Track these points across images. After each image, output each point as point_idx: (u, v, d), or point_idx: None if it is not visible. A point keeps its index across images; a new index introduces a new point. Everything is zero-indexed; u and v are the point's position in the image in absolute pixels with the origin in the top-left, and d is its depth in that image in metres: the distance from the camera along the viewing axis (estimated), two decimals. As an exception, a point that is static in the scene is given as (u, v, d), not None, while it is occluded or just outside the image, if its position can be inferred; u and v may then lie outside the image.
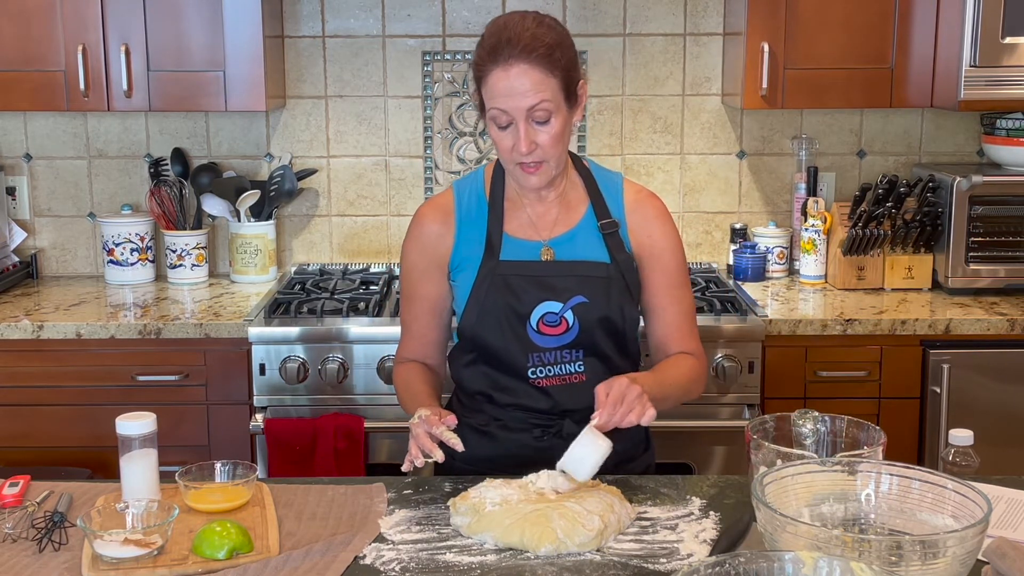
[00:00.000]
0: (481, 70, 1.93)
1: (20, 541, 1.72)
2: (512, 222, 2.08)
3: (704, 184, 3.55)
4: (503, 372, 2.06)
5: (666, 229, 2.10)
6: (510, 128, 1.93)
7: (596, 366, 2.05)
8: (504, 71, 1.89)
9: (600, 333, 2.04)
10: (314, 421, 2.84)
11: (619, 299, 2.04)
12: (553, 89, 1.91)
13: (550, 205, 2.08)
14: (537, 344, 2.03)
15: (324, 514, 1.81)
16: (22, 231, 3.51)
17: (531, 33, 1.90)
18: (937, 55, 3.13)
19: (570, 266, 2.05)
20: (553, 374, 2.04)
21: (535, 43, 1.89)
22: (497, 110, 1.92)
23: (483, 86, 1.94)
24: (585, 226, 2.08)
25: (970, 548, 1.36)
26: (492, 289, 2.03)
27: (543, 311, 2.02)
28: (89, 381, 2.93)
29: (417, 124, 3.52)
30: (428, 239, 2.10)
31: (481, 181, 2.11)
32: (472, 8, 3.45)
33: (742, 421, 2.84)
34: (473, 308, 2.04)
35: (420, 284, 2.12)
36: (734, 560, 1.28)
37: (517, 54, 1.89)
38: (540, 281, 2.03)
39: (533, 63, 1.89)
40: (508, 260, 2.05)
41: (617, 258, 2.06)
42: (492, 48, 1.91)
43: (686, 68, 3.49)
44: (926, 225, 3.17)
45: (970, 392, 2.92)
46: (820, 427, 1.80)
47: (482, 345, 2.05)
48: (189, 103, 3.16)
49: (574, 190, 2.10)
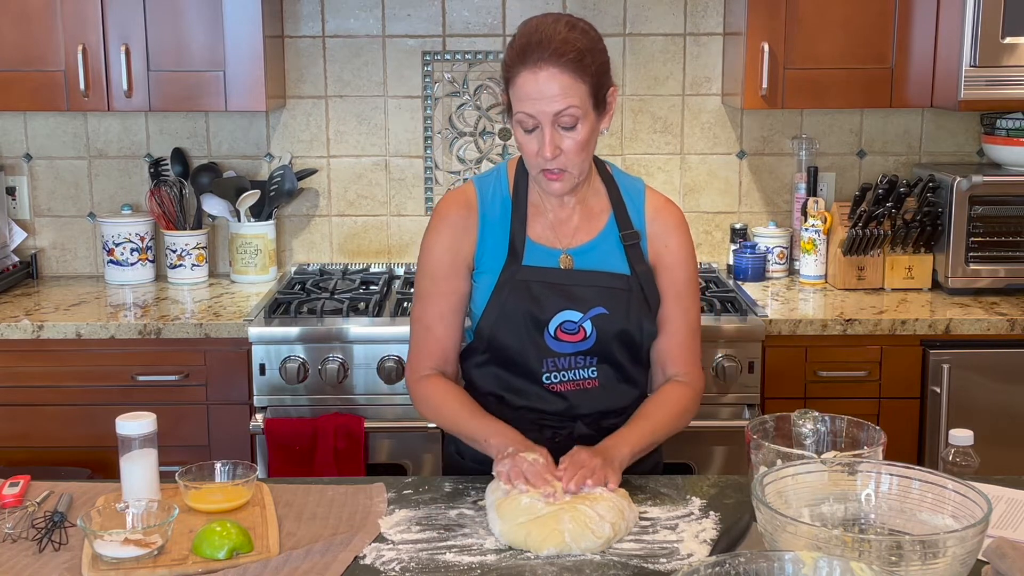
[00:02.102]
0: (510, 71, 1.91)
1: (20, 541, 1.72)
2: (535, 227, 2.06)
3: (704, 184, 3.55)
4: (516, 375, 2.05)
5: (682, 241, 2.09)
6: (536, 132, 1.91)
7: (608, 372, 2.05)
8: (533, 74, 1.86)
9: (617, 344, 2.03)
10: (314, 421, 2.84)
11: (638, 313, 2.03)
12: (581, 95, 1.88)
13: (572, 212, 2.07)
14: (553, 350, 2.02)
15: (324, 514, 1.81)
16: (22, 231, 3.51)
17: (562, 37, 1.87)
18: (937, 55, 3.13)
19: (591, 276, 2.03)
20: (567, 379, 2.04)
21: (565, 47, 1.86)
22: (524, 114, 1.89)
23: (511, 88, 1.91)
24: (607, 236, 2.06)
25: (970, 548, 1.36)
26: (513, 293, 2.01)
27: (562, 319, 2.01)
28: (89, 381, 2.93)
29: (417, 124, 3.51)
30: (454, 232, 2.05)
31: (505, 180, 2.08)
32: (472, 8, 3.45)
33: (742, 421, 2.84)
34: (493, 310, 2.02)
35: (446, 281, 2.05)
36: (734, 560, 1.28)
37: (547, 57, 1.85)
38: (562, 289, 2.02)
39: (563, 67, 1.86)
40: (530, 266, 2.03)
41: (637, 270, 2.04)
42: (522, 49, 1.88)
43: (686, 68, 3.49)
44: (926, 225, 3.17)
45: (970, 392, 2.92)
46: (820, 427, 1.81)
47: (498, 347, 2.04)
48: (189, 103, 3.16)
49: (596, 197, 2.08)
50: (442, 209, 2.09)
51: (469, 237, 2.06)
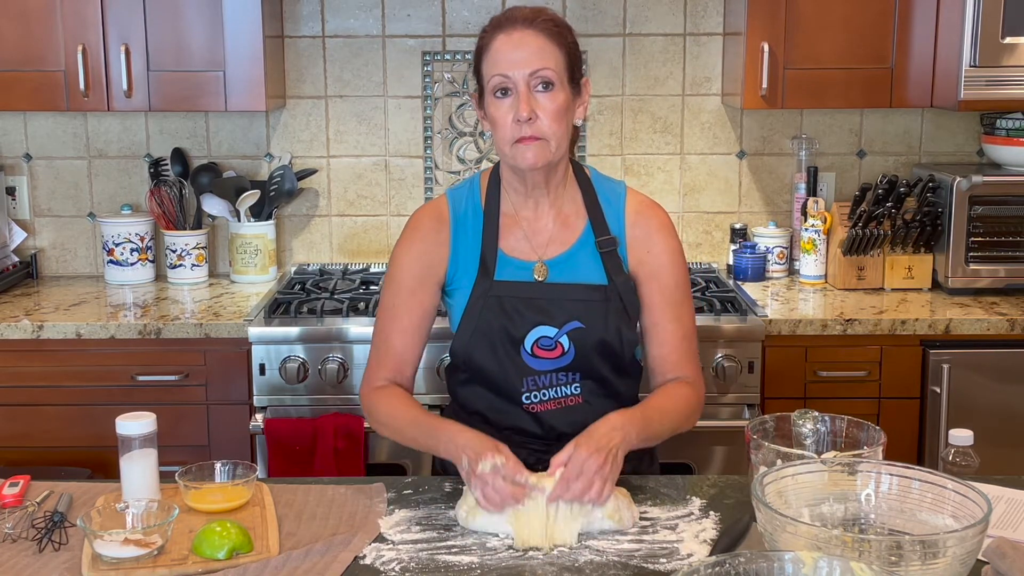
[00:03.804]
0: (484, 41, 1.92)
1: (20, 541, 1.72)
2: (508, 239, 2.01)
3: (704, 184, 3.55)
4: (497, 395, 2.00)
5: (667, 244, 2.02)
6: (510, 97, 1.88)
7: (593, 388, 2.00)
8: (507, 35, 1.89)
9: (597, 357, 1.98)
10: (314, 421, 2.84)
11: (616, 322, 1.97)
12: (556, 59, 1.89)
13: (547, 220, 2.02)
14: (532, 367, 1.97)
15: (324, 514, 1.81)
16: (22, 231, 3.51)
17: (537, 9, 1.93)
18: (937, 55, 3.13)
19: (566, 290, 1.98)
20: (548, 397, 1.98)
21: (541, 15, 1.92)
22: (499, 76, 1.88)
23: (485, 56, 1.91)
24: (582, 245, 2.01)
25: (970, 548, 1.36)
26: (486, 310, 1.97)
27: (538, 335, 1.96)
28: (89, 381, 2.93)
29: (417, 124, 3.52)
30: (426, 246, 2.02)
31: (477, 191, 2.05)
32: (472, 8, 3.45)
33: (742, 421, 2.84)
34: (467, 329, 1.98)
35: (413, 295, 2.01)
36: (734, 560, 1.28)
37: (521, 22, 1.90)
38: (535, 304, 1.97)
39: (538, 30, 1.89)
40: (503, 280, 1.99)
41: (615, 279, 1.99)
42: (497, 22, 1.93)
43: (686, 68, 3.49)
44: (926, 225, 3.17)
45: (970, 392, 2.92)
46: (820, 427, 1.80)
47: (476, 366, 1.99)
48: (189, 103, 3.16)
49: (572, 205, 2.03)
50: (414, 222, 2.06)
51: (441, 252, 2.02)
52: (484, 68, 1.92)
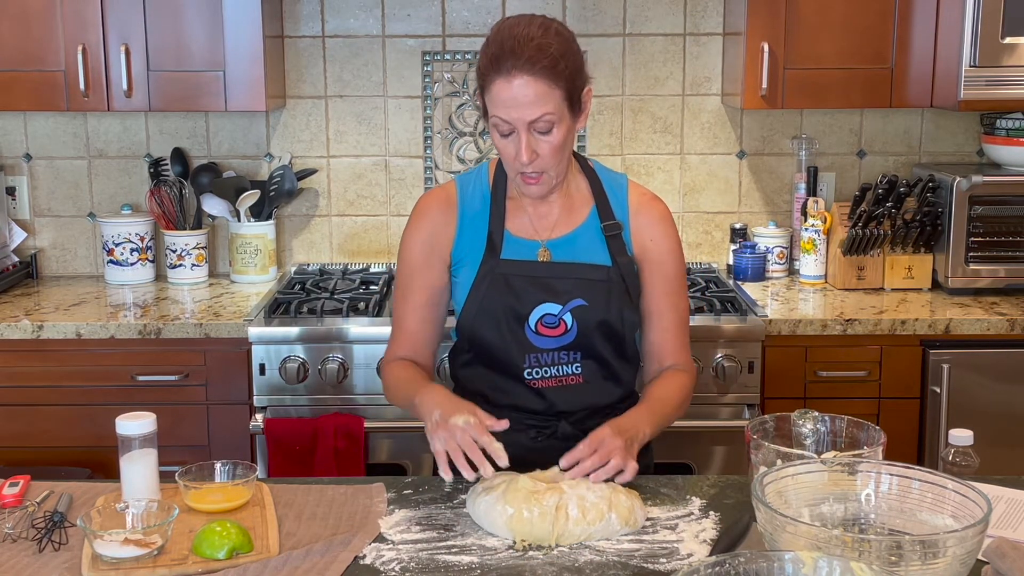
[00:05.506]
0: (484, 79, 1.91)
1: (20, 541, 1.72)
2: (514, 221, 2.07)
3: (704, 184, 3.55)
4: (499, 372, 2.05)
5: (668, 234, 2.09)
6: (512, 136, 1.92)
7: (593, 368, 2.05)
8: (507, 82, 1.86)
9: (598, 336, 2.03)
10: (314, 421, 2.84)
11: (619, 303, 2.03)
12: (556, 101, 1.88)
13: (552, 205, 2.07)
14: (535, 345, 2.03)
15: (324, 514, 1.81)
16: (22, 231, 3.51)
17: (536, 44, 1.86)
18: (937, 55, 3.13)
19: (570, 268, 2.04)
20: (550, 375, 2.04)
21: (539, 55, 1.85)
22: (499, 119, 1.90)
23: (486, 93, 1.92)
24: (588, 228, 2.07)
25: (970, 548, 1.36)
26: (492, 287, 2.03)
27: (542, 312, 2.02)
28: (89, 381, 2.93)
29: (417, 124, 3.52)
30: (432, 227, 2.08)
31: (485, 177, 2.10)
32: (472, 8, 3.45)
33: (742, 421, 2.84)
34: (472, 305, 2.04)
35: (421, 274, 2.08)
36: (734, 560, 1.28)
37: (520, 65, 1.85)
38: (540, 282, 2.03)
39: (537, 75, 1.85)
40: (509, 259, 2.04)
41: (618, 261, 2.05)
42: (495, 57, 1.88)
43: (686, 68, 3.49)
44: (926, 225, 3.17)
45: (970, 392, 2.92)
46: (820, 427, 1.81)
47: (480, 343, 2.05)
48: (189, 103, 3.16)
49: (578, 191, 2.09)
50: (421, 204, 2.12)
51: (447, 232, 2.07)
52: (486, 99, 1.93)
